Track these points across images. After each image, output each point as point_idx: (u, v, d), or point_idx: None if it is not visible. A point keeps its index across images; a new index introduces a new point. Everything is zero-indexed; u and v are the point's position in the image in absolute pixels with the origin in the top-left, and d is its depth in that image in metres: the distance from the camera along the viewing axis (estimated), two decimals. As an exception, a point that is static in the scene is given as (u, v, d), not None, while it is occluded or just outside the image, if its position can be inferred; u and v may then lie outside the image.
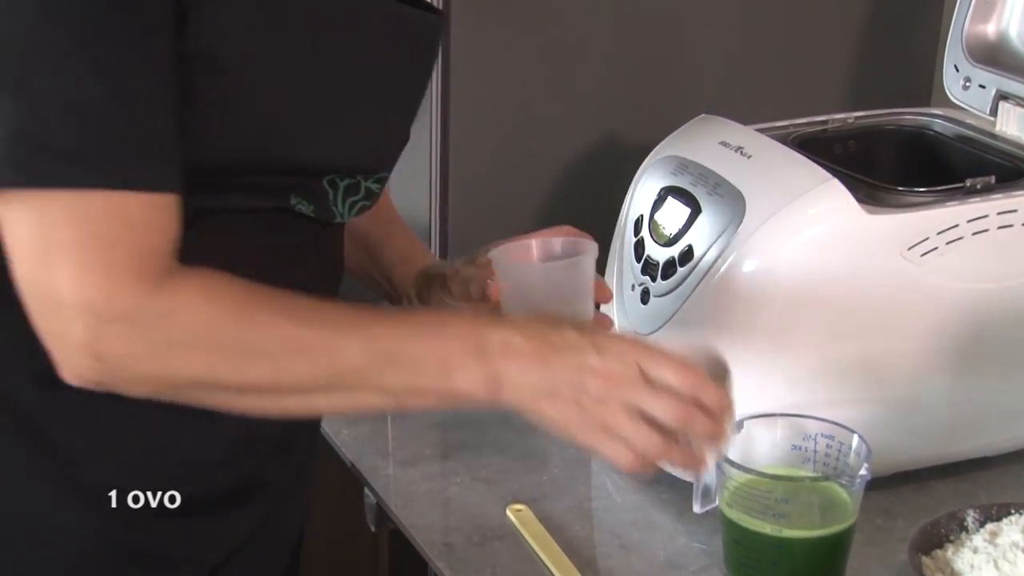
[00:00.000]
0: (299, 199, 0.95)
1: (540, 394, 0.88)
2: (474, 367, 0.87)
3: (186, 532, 0.99)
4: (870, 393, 1.13)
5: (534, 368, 0.87)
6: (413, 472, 1.21)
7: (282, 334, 0.86)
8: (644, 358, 0.88)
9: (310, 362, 0.86)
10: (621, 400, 0.87)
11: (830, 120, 1.31)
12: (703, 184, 1.15)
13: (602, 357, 0.87)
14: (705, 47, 1.50)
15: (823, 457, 1.05)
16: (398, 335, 0.87)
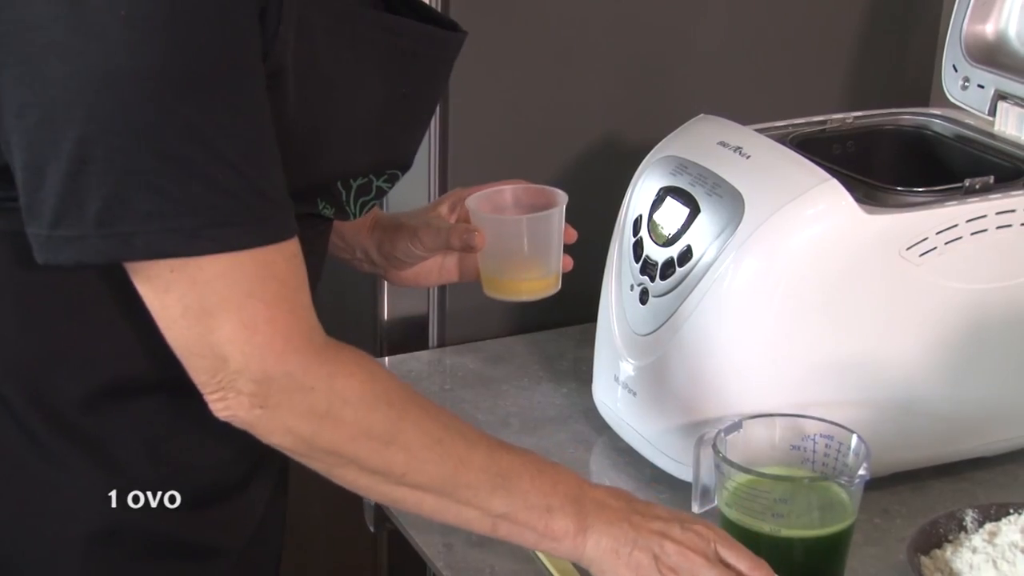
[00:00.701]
0: (324, 203, 0.98)
1: (620, 553, 0.93)
2: (571, 515, 0.93)
3: (214, 522, 1.00)
4: (869, 393, 1.13)
5: (621, 527, 0.93)
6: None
7: (425, 431, 0.91)
8: (723, 543, 0.94)
9: (441, 463, 0.91)
10: (692, 570, 0.93)
11: (829, 120, 1.31)
12: (702, 184, 1.15)
13: (684, 531, 0.94)
14: (704, 47, 1.50)
15: (822, 457, 1.05)
16: (516, 464, 0.93)
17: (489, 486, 0.92)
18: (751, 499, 1.00)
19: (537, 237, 1.12)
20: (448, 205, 1.19)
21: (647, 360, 1.17)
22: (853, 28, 1.57)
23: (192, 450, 0.97)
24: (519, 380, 1.37)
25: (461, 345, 1.45)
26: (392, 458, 0.90)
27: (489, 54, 1.41)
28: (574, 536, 0.93)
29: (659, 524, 0.94)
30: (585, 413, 1.29)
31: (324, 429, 0.88)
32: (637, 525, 0.94)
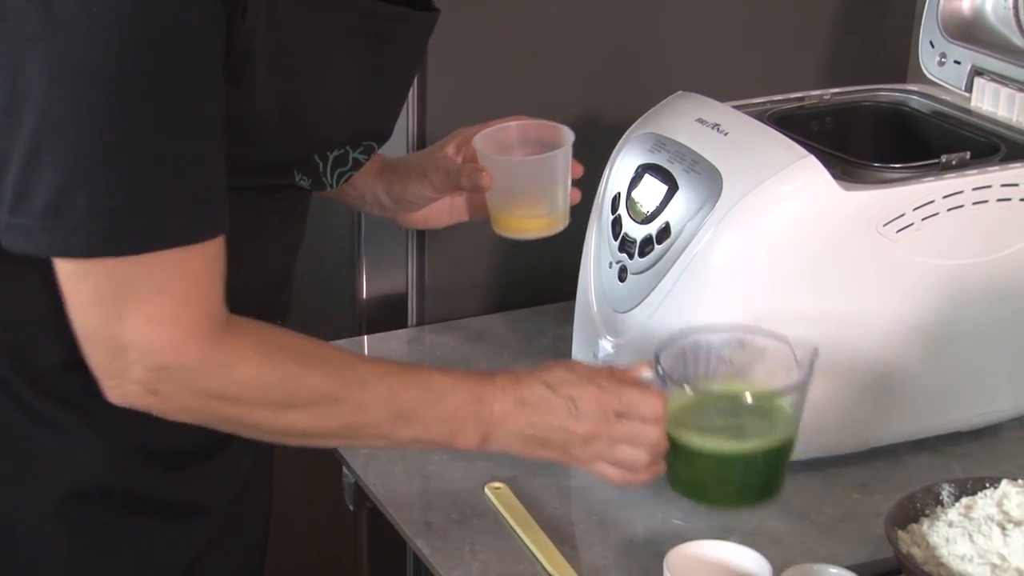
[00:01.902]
0: (301, 175, 1.00)
1: (530, 444, 1.01)
2: (471, 430, 0.99)
3: (197, 482, 1.02)
4: (846, 368, 1.13)
5: (521, 428, 1.00)
6: (391, 451, 1.20)
7: (318, 389, 0.94)
8: (615, 403, 1.00)
9: (337, 415, 0.96)
10: (601, 442, 1.01)
11: (806, 97, 1.31)
12: (680, 161, 1.15)
13: (581, 415, 1.00)
14: (682, 24, 1.50)
15: (765, 370, 1.05)
16: (416, 397, 0.98)
17: (391, 424, 0.97)
18: (694, 416, 1.01)
19: (544, 176, 1.13)
20: (454, 145, 1.19)
21: (626, 337, 1.17)
22: (831, 4, 1.57)
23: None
24: (499, 358, 1.37)
25: (440, 323, 1.45)
26: (292, 421, 0.94)
27: (467, 31, 1.40)
28: (479, 445, 1.00)
29: (555, 417, 1.00)
30: (564, 391, 1.29)
31: (221, 408, 0.92)
32: (534, 421, 1.00)
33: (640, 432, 1.01)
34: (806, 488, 1.15)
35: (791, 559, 1.02)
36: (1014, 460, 1.19)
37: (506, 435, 1.00)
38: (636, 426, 1.01)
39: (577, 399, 1.00)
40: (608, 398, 1.00)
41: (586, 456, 1.02)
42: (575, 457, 1.02)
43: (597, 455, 1.02)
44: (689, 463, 1.03)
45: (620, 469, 1.02)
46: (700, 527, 1.10)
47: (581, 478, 1.19)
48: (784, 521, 1.11)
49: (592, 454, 1.02)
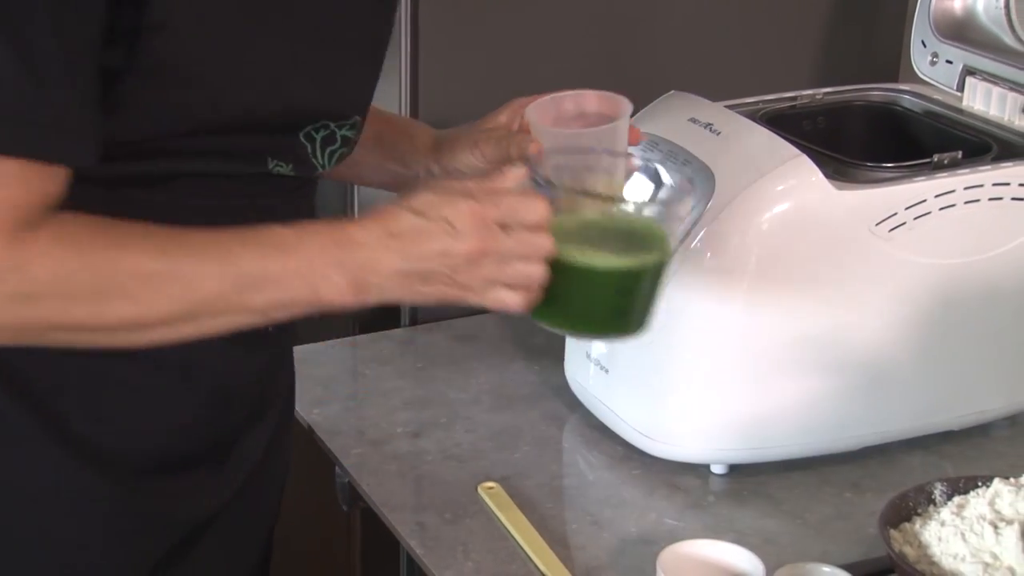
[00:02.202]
0: (276, 162, 0.96)
1: (411, 282, 0.90)
2: (336, 278, 0.89)
3: (167, 489, 1.00)
4: (839, 367, 1.13)
5: (394, 263, 0.89)
6: (384, 451, 1.21)
7: (138, 270, 0.86)
8: (495, 213, 0.89)
9: (169, 295, 0.87)
10: (490, 261, 0.90)
11: (799, 96, 1.31)
12: (672, 161, 1.14)
13: (459, 234, 0.89)
14: (674, 23, 1.50)
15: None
16: (257, 256, 0.88)
17: (237, 293, 0.88)
18: (563, 229, 0.93)
19: (594, 150, 1.02)
20: (508, 114, 1.14)
21: (619, 337, 1.17)
22: (823, 4, 1.57)
23: (136, 413, 0.97)
24: (491, 358, 1.37)
25: (433, 323, 1.44)
26: (119, 312, 0.87)
27: (459, 32, 1.40)
28: (353, 294, 0.90)
29: (429, 242, 0.89)
30: (557, 391, 1.29)
31: (28, 312, 0.85)
32: (409, 255, 0.89)
33: (529, 242, 0.90)
34: (799, 487, 1.15)
35: (784, 558, 1.02)
36: (1005, 459, 1.19)
37: (381, 278, 0.89)
38: (524, 236, 0.90)
39: (452, 218, 0.89)
40: (486, 209, 0.89)
41: (477, 282, 0.90)
42: (465, 286, 0.90)
43: (489, 278, 0.90)
44: (554, 282, 0.93)
45: (517, 290, 0.91)
46: (693, 526, 1.10)
47: (575, 477, 1.19)
48: (777, 520, 1.11)
49: (483, 278, 0.90)
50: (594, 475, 1.18)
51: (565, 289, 0.93)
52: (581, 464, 1.21)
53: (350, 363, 1.37)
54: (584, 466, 1.20)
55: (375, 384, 1.33)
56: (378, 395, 1.30)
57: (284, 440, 1.13)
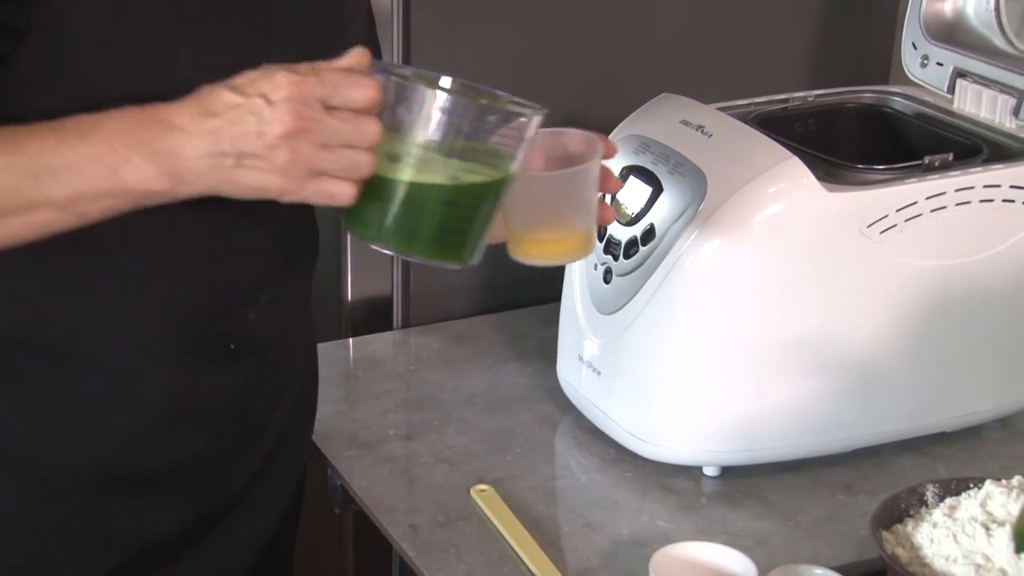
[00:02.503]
0: None
1: (226, 167, 0.82)
2: (139, 160, 0.82)
3: (119, 512, 0.96)
4: (830, 369, 1.13)
5: (204, 141, 0.81)
6: (377, 453, 1.20)
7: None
8: (318, 89, 0.82)
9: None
10: (309, 142, 0.82)
11: (790, 98, 1.31)
12: (664, 163, 1.14)
13: (276, 109, 0.81)
14: (666, 26, 1.49)
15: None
16: (52, 144, 0.82)
17: (32, 181, 0.81)
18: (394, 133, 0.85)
19: (568, 194, 0.97)
20: None
21: (611, 339, 1.17)
22: (813, 6, 1.57)
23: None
24: (484, 360, 1.37)
25: (426, 325, 1.44)
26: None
27: (449, 34, 1.40)
28: (163, 179, 0.82)
29: (244, 117, 0.81)
30: (550, 392, 1.29)
31: None
32: (221, 132, 0.81)
33: (355, 125, 0.82)
34: (791, 488, 1.15)
35: (776, 560, 1.01)
36: (997, 460, 1.19)
37: (193, 160, 0.81)
38: (349, 117, 0.82)
39: (270, 92, 0.80)
40: (308, 85, 0.81)
41: (297, 168, 0.81)
42: (285, 172, 0.81)
43: (309, 164, 0.82)
44: (378, 189, 0.86)
45: (341, 180, 0.83)
46: (685, 528, 1.09)
47: (567, 479, 1.19)
48: (769, 522, 1.11)
49: (303, 163, 0.81)
50: (586, 477, 1.18)
51: (389, 196, 0.85)
52: (573, 466, 1.20)
53: (342, 365, 1.37)
54: (576, 468, 1.20)
55: (367, 386, 1.32)
56: (370, 397, 1.30)
57: (281, 479, 1.07)
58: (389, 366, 1.37)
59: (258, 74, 0.82)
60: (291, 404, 1.07)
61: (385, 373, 1.36)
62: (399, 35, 1.38)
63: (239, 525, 1.04)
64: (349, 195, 0.83)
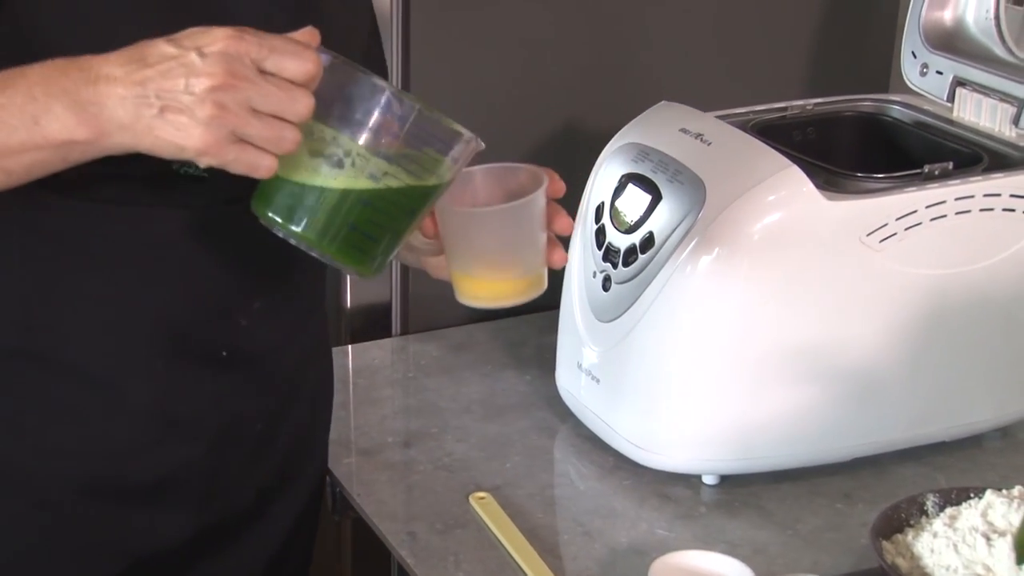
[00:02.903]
0: (182, 163, 0.88)
1: (148, 117, 0.78)
2: (60, 108, 0.79)
3: (114, 522, 0.95)
4: (830, 377, 1.13)
5: (131, 90, 0.78)
6: (375, 460, 1.20)
7: None
8: (254, 50, 0.79)
9: None
10: (235, 101, 0.78)
11: (789, 107, 1.30)
12: (663, 171, 1.14)
13: (207, 61, 0.78)
14: (665, 34, 1.49)
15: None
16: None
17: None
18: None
19: (510, 231, 0.94)
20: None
21: (610, 347, 1.17)
22: (813, 14, 1.57)
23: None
24: (482, 367, 1.36)
25: (424, 333, 1.44)
26: None
27: (449, 41, 1.40)
28: (85, 127, 0.79)
29: (174, 67, 0.78)
30: (548, 400, 1.28)
31: None
32: (147, 81, 0.78)
33: (287, 93, 0.78)
34: (790, 497, 1.15)
35: (775, 569, 1.01)
36: (997, 470, 1.19)
37: (115, 109, 0.78)
38: (282, 85, 0.78)
39: (205, 46, 0.78)
40: (245, 41, 0.78)
41: (220, 127, 0.78)
42: (208, 129, 0.77)
43: (232, 125, 0.78)
44: (293, 172, 0.84)
45: (265, 152, 0.80)
46: (684, 537, 1.09)
47: (566, 487, 1.18)
48: (768, 531, 1.11)
49: (226, 124, 0.78)
50: (585, 485, 1.18)
51: (307, 182, 0.83)
52: (572, 474, 1.20)
53: (340, 372, 1.36)
54: (575, 476, 1.19)
55: (366, 393, 1.32)
56: (368, 404, 1.29)
57: (293, 497, 1.05)
58: (388, 373, 1.37)
59: (199, 29, 0.79)
60: (300, 421, 1.05)
61: (384, 380, 1.36)
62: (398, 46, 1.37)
63: (249, 541, 1.03)
64: (270, 168, 0.80)
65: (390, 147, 0.84)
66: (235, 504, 1.01)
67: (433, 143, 0.86)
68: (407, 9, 1.36)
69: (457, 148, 0.87)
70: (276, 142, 0.79)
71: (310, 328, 1.06)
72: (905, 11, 1.36)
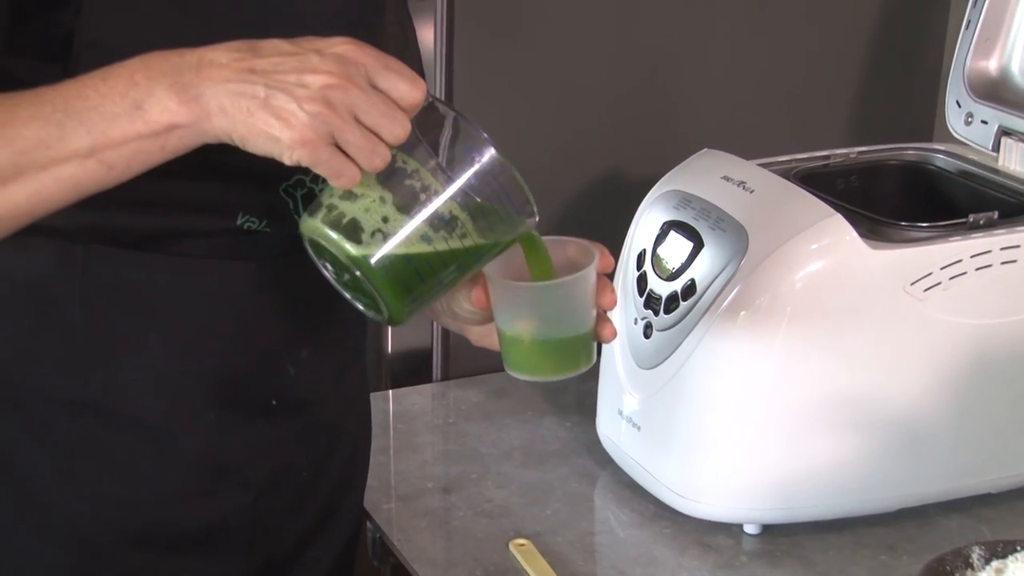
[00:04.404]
0: (247, 217, 0.90)
1: (250, 103, 0.77)
2: (162, 91, 0.77)
3: (163, 570, 0.95)
4: (874, 428, 1.12)
5: (238, 75, 0.77)
6: (415, 506, 1.20)
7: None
8: (371, 64, 0.79)
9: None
10: (345, 105, 0.77)
11: (832, 155, 1.30)
12: (705, 218, 1.14)
13: (326, 60, 0.77)
14: (708, 82, 1.50)
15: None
16: (72, 90, 0.78)
17: (55, 128, 0.77)
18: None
19: (565, 305, 0.92)
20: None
21: (651, 394, 1.16)
22: (857, 63, 1.57)
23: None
24: (523, 413, 1.36)
25: (465, 378, 1.44)
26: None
27: (490, 88, 1.41)
28: (187, 112, 0.77)
29: (291, 61, 0.77)
30: (589, 447, 1.28)
31: None
32: (262, 71, 0.77)
33: (390, 110, 0.78)
34: (834, 548, 1.13)
35: (818, 621, 1.00)
36: (1044, 523, 1.18)
37: (218, 92, 0.77)
38: (387, 101, 0.78)
39: (325, 47, 0.78)
40: (364, 54, 0.78)
41: (322, 126, 0.77)
42: (308, 124, 0.77)
43: (335, 127, 0.77)
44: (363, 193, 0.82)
45: (350, 162, 0.79)
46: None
47: (606, 535, 1.18)
48: (811, 582, 1.10)
49: (329, 124, 0.77)
50: (625, 533, 1.17)
51: (379, 208, 0.81)
52: (612, 521, 1.20)
53: (381, 417, 1.37)
54: (615, 523, 1.19)
55: (406, 438, 1.32)
56: (409, 450, 1.30)
57: (332, 539, 1.04)
58: (428, 418, 1.37)
59: (319, 37, 0.79)
60: (342, 464, 1.06)
61: (424, 425, 1.36)
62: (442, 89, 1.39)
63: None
64: (353, 178, 0.79)
65: (468, 196, 0.83)
66: (277, 551, 1.01)
67: (505, 202, 0.86)
68: (451, 51, 1.38)
69: (524, 213, 0.87)
70: (368, 155, 0.78)
71: (352, 376, 1.06)
72: (950, 60, 1.36)
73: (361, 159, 0.79)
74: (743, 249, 1.10)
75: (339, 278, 0.84)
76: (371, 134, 0.78)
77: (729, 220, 1.12)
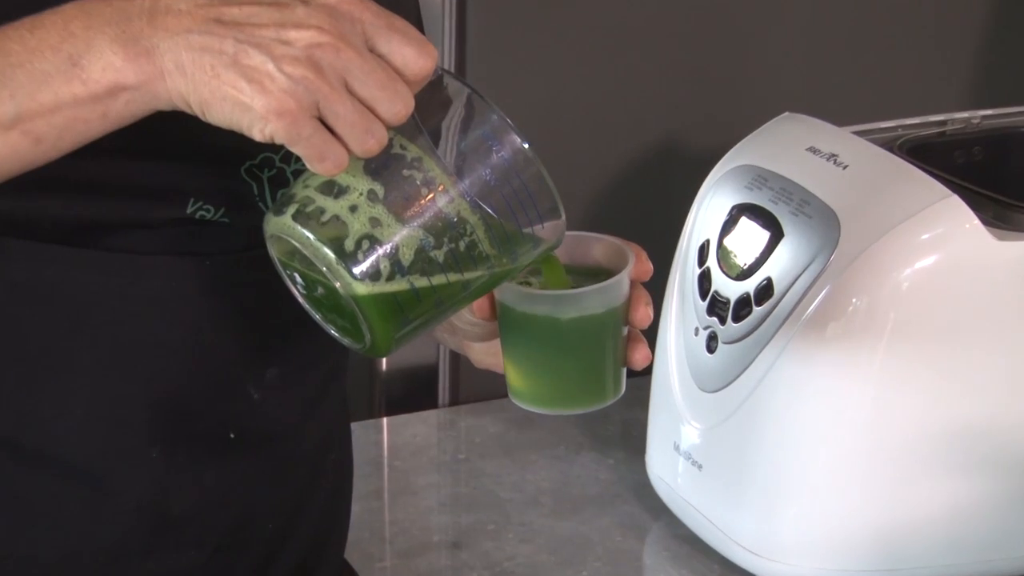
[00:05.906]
0: (200, 204, 0.90)
1: (220, 63, 0.75)
2: (104, 42, 0.76)
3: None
4: (998, 467, 1.12)
5: (200, 25, 0.76)
6: (416, 565, 1.21)
7: None
8: (370, 20, 0.77)
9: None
10: (335, 70, 0.75)
11: (950, 120, 1.30)
12: (786, 202, 1.14)
13: (314, 13, 0.76)
14: (787, 29, 1.50)
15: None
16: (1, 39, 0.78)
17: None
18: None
19: (583, 322, 0.90)
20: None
21: (716, 424, 1.17)
22: (980, 5, 1.57)
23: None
24: (552, 448, 1.37)
25: (479, 403, 1.45)
26: None
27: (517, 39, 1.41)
28: (136, 72, 0.76)
29: (269, 11, 0.76)
30: (636, 491, 1.29)
31: None
32: (232, 21, 0.76)
33: (391, 80, 0.77)
34: (949, 621, 1.14)
35: None
36: None
37: (176, 45, 0.76)
38: (388, 71, 0.77)
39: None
40: (362, 8, 0.77)
41: (305, 94, 0.75)
42: (288, 91, 0.75)
43: (321, 96, 0.76)
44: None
45: (336, 143, 0.77)
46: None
47: (657, 604, 1.18)
48: (920, 664, 1.10)
49: (313, 92, 0.75)
50: (683, 601, 1.18)
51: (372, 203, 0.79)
52: (663, 586, 1.21)
53: (374, 451, 1.38)
54: (666, 589, 1.20)
55: (405, 479, 1.33)
56: (408, 493, 1.31)
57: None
58: (433, 453, 1.38)
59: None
60: (319, 513, 1.06)
61: (428, 462, 1.37)
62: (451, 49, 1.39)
63: None
64: (338, 163, 0.77)
65: (482, 194, 0.82)
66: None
67: (527, 206, 0.84)
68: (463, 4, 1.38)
69: (548, 227, 0.84)
70: (361, 134, 0.77)
71: (331, 401, 1.07)
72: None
73: (351, 140, 0.77)
74: (834, 240, 1.10)
75: (310, 292, 0.83)
76: (366, 109, 0.77)
77: (816, 203, 1.12)
